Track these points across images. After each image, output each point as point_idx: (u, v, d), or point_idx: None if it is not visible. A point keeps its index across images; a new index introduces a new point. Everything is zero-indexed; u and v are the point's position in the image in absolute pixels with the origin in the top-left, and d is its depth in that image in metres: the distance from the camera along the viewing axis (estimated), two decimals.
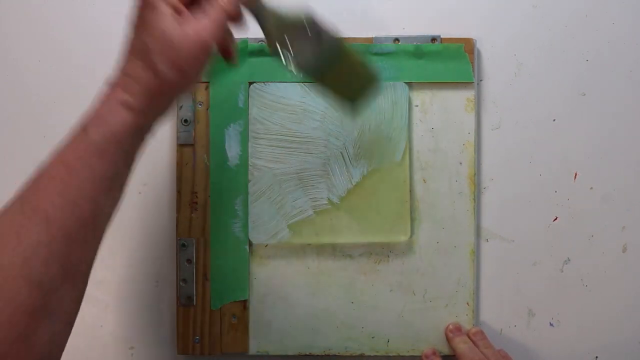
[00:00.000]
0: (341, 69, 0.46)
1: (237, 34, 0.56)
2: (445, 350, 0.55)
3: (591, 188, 0.57)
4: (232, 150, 0.55)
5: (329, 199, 0.55)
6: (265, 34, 0.44)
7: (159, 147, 0.57)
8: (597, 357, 0.57)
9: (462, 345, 0.53)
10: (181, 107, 0.55)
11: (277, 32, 0.43)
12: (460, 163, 0.56)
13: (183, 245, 0.55)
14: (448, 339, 0.55)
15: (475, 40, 0.56)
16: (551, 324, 0.57)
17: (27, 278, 0.36)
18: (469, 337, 0.54)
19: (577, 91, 0.57)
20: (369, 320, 0.56)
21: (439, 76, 0.55)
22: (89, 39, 0.57)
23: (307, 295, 0.56)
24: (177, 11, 0.39)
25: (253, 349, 0.55)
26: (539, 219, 0.57)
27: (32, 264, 0.36)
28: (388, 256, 0.56)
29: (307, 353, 0.56)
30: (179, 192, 0.55)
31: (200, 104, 0.55)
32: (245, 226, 0.55)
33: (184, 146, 0.55)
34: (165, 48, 0.39)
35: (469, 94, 0.56)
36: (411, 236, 0.55)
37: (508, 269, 0.57)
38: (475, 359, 0.51)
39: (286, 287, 0.56)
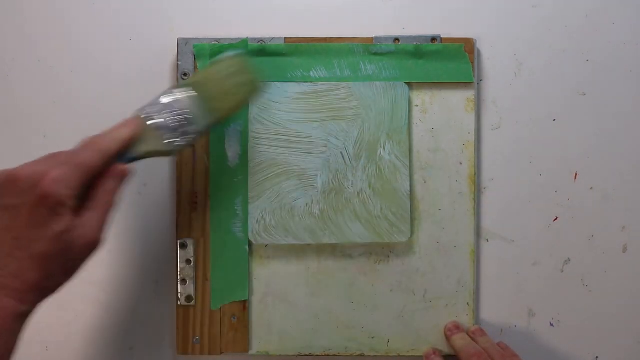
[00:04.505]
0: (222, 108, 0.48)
1: (236, 33, 0.56)
2: (446, 350, 0.55)
3: (591, 188, 0.57)
4: (232, 150, 0.55)
5: (329, 199, 0.55)
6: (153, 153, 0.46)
7: None
8: (597, 357, 0.57)
9: (460, 341, 0.53)
10: None
11: (158, 149, 0.46)
12: (460, 163, 0.56)
13: (183, 245, 0.55)
14: (447, 338, 0.55)
15: (475, 40, 0.56)
16: (551, 324, 0.57)
17: None
18: (468, 335, 0.54)
19: (577, 91, 0.57)
20: (369, 320, 0.56)
21: (439, 76, 0.55)
22: (89, 39, 0.57)
23: (307, 295, 0.56)
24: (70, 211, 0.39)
25: (253, 349, 0.55)
26: (539, 219, 0.57)
27: None
28: (388, 256, 0.56)
29: (307, 353, 0.56)
30: (179, 192, 0.55)
31: None
32: (245, 226, 0.55)
33: None
34: (60, 253, 0.39)
35: (469, 94, 0.56)
36: (411, 236, 0.55)
37: (508, 269, 0.57)
38: (473, 352, 0.51)
39: (286, 287, 0.55)
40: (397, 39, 0.56)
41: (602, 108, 0.57)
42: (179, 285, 0.55)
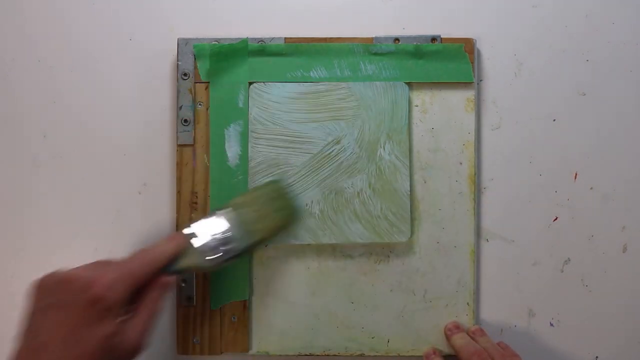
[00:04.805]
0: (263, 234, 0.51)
1: (236, 33, 0.56)
2: (446, 350, 0.55)
3: (591, 188, 0.57)
4: (232, 150, 0.55)
5: (328, 199, 0.55)
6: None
7: (159, 147, 0.57)
8: (597, 357, 0.57)
9: (460, 340, 0.53)
10: (181, 107, 0.55)
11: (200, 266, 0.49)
12: (460, 163, 0.56)
13: None
14: (447, 337, 0.55)
15: (475, 40, 0.56)
16: (551, 324, 0.57)
17: None
18: (468, 334, 0.54)
19: (577, 91, 0.57)
20: (369, 320, 0.56)
21: (439, 76, 0.55)
22: (89, 39, 0.57)
23: (307, 295, 0.56)
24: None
25: (253, 349, 0.55)
26: (539, 219, 0.57)
27: None
28: (388, 256, 0.56)
29: (307, 353, 0.56)
30: (179, 192, 0.55)
31: (200, 104, 0.55)
32: None
33: (184, 146, 0.55)
34: (105, 354, 0.41)
35: (469, 94, 0.56)
36: (411, 236, 0.55)
37: (508, 269, 0.57)
38: (473, 351, 0.51)
39: (286, 287, 0.55)
40: (397, 39, 0.56)
41: (602, 108, 0.57)
42: (179, 285, 0.55)
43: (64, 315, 0.41)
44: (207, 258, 0.48)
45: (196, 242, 0.48)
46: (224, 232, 0.49)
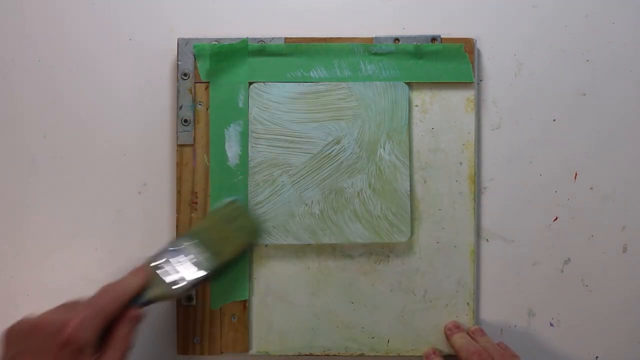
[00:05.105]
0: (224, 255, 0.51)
1: (236, 33, 0.56)
2: (446, 350, 0.55)
3: (591, 188, 0.57)
4: (232, 150, 0.55)
5: (329, 199, 0.55)
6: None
7: (159, 147, 0.57)
8: (597, 357, 0.57)
9: (460, 340, 0.53)
10: (181, 107, 0.55)
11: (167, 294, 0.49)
12: (460, 163, 0.56)
13: None
14: (447, 337, 0.55)
15: (475, 40, 0.56)
16: (551, 324, 0.57)
17: None
18: (468, 334, 0.54)
19: (577, 91, 0.57)
20: (369, 320, 0.56)
21: (439, 76, 0.55)
22: (89, 39, 0.57)
23: (307, 295, 0.56)
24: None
25: (253, 349, 0.55)
26: (539, 219, 0.57)
27: None
28: (388, 256, 0.56)
29: (307, 353, 0.56)
30: (179, 192, 0.55)
31: (200, 104, 0.55)
32: None
33: (184, 146, 0.55)
34: None
35: (469, 94, 0.56)
36: (411, 236, 0.55)
37: (508, 269, 0.57)
38: (473, 350, 0.51)
39: (286, 287, 0.55)
40: (397, 39, 0.56)
41: (602, 108, 0.57)
42: None
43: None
44: (174, 287, 0.48)
45: (162, 272, 0.49)
46: (188, 259, 0.49)
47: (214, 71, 0.55)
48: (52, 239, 0.57)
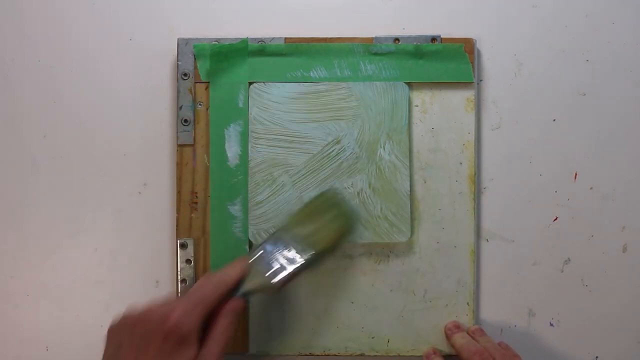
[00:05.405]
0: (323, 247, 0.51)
1: (236, 33, 0.56)
2: (446, 350, 0.55)
3: (591, 188, 0.57)
4: (232, 150, 0.55)
5: None
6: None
7: (159, 147, 0.57)
8: (597, 357, 0.57)
9: (461, 340, 0.53)
10: (181, 107, 0.55)
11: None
12: (460, 163, 0.56)
13: (183, 245, 0.55)
14: (447, 337, 0.55)
15: (475, 40, 0.56)
16: (551, 324, 0.57)
17: None
18: (468, 334, 0.54)
19: (577, 91, 0.57)
20: (369, 320, 0.56)
21: (439, 76, 0.55)
22: (89, 39, 0.57)
23: (307, 295, 0.56)
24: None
25: (253, 349, 0.55)
26: (539, 219, 0.57)
27: None
28: (388, 256, 0.56)
29: (307, 353, 0.56)
30: (179, 192, 0.55)
31: (200, 104, 0.55)
32: (245, 226, 0.55)
33: (184, 146, 0.55)
34: None
35: (469, 94, 0.56)
36: (411, 236, 0.55)
37: (508, 269, 0.57)
38: (474, 350, 0.51)
39: (286, 287, 0.55)
40: (397, 39, 0.56)
41: (602, 108, 0.57)
42: (179, 285, 0.55)
43: (142, 349, 0.42)
44: (273, 280, 0.49)
45: (260, 265, 0.49)
46: (285, 252, 0.49)
47: (214, 71, 0.55)
48: (52, 239, 0.57)
